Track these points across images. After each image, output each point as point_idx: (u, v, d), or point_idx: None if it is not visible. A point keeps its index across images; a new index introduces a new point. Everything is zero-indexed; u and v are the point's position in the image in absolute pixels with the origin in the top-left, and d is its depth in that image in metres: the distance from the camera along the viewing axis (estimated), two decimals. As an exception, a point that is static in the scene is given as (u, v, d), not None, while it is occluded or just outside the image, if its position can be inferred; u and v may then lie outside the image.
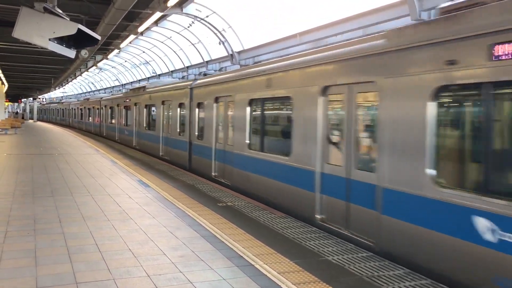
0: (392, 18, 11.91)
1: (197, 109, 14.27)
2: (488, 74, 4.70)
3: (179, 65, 28.17)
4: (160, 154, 17.93)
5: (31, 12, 8.73)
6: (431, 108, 5.41)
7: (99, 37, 10.14)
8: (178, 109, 16.14)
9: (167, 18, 21.39)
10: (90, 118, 37.46)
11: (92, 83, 55.55)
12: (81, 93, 63.50)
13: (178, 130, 15.96)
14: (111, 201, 8.79)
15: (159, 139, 18.32)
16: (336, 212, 7.12)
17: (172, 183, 11.18)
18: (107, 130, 30.29)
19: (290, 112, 8.76)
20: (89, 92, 60.09)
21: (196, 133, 14.22)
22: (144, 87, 21.63)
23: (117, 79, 44.42)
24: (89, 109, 38.11)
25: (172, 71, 29.45)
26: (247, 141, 10.50)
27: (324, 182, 7.46)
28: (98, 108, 34.29)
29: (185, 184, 11.11)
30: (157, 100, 18.80)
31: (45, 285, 4.51)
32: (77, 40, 10.11)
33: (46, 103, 78.12)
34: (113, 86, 46.56)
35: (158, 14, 13.66)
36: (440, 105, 5.44)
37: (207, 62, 24.07)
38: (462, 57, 5.00)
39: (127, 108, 24.51)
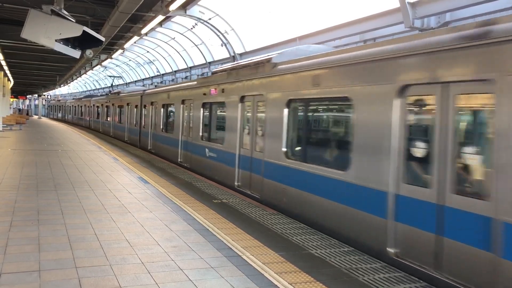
0: (387, 25, 12.32)
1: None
2: None
3: (182, 66, 28.63)
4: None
5: (39, 14, 9.17)
6: None
7: (103, 39, 10.57)
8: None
9: (171, 20, 21.86)
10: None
11: (97, 81, 56.10)
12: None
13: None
14: (111, 195, 9.21)
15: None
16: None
17: (170, 180, 11.60)
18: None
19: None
20: (93, 90, 60.55)
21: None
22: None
23: (121, 77, 44.92)
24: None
25: (175, 71, 29.91)
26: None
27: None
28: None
29: (183, 181, 11.52)
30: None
31: (47, 269, 4.93)
32: (82, 41, 10.54)
33: (83, 97, 47.87)
34: (117, 85, 47.06)
35: (160, 17, 14.09)
36: None
37: (209, 63, 24.52)
38: None
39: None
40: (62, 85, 57.94)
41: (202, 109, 13.80)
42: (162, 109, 18.10)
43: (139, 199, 8.96)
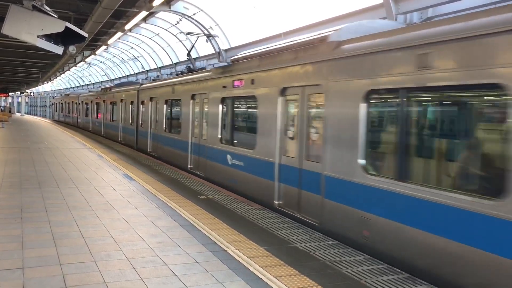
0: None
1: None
2: None
3: (167, 62, 28.47)
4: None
5: (20, 9, 9.03)
6: None
7: (86, 35, 10.45)
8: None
9: (156, 15, 21.72)
10: None
11: (81, 78, 55.52)
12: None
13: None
14: (96, 192, 9.16)
15: None
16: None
17: (156, 176, 11.57)
18: None
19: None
20: (77, 87, 59.92)
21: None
22: None
23: (105, 74, 44.53)
24: None
25: (160, 67, 29.74)
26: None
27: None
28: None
29: (169, 178, 11.50)
30: None
31: (31, 266, 4.90)
32: (64, 37, 10.39)
33: (113, 86, 27.59)
34: (101, 81, 46.63)
35: (144, 13, 14.00)
36: None
37: (194, 59, 24.40)
38: None
39: None
40: (45, 82, 57.18)
41: None
42: None
43: (124, 196, 8.93)
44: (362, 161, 6.37)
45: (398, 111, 5.92)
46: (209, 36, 19.45)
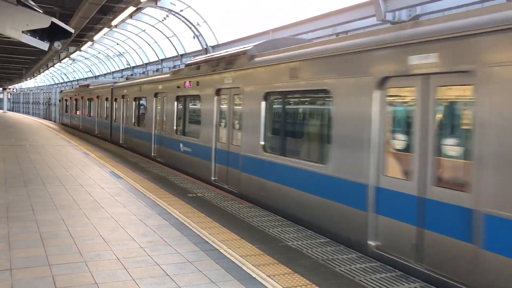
0: (359, 18, 12.42)
1: None
2: None
3: (153, 58, 28.22)
4: None
5: (4, 4, 8.82)
6: None
7: (72, 30, 10.26)
8: None
9: (142, 11, 21.48)
10: None
11: (65, 74, 54.81)
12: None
13: None
14: (83, 191, 9.02)
15: None
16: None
17: (144, 174, 11.44)
18: None
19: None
20: (62, 83, 59.10)
21: None
22: None
23: (90, 71, 43.99)
24: None
25: (146, 64, 29.46)
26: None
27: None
28: None
29: (157, 176, 11.38)
30: None
31: (19, 267, 4.79)
32: (50, 33, 10.20)
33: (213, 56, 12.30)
34: (86, 78, 46.06)
35: (131, 9, 13.83)
36: None
37: (181, 55, 24.24)
38: None
39: None
40: (28, 79, 56.31)
41: None
42: None
43: (112, 194, 8.81)
44: None
45: None
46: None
